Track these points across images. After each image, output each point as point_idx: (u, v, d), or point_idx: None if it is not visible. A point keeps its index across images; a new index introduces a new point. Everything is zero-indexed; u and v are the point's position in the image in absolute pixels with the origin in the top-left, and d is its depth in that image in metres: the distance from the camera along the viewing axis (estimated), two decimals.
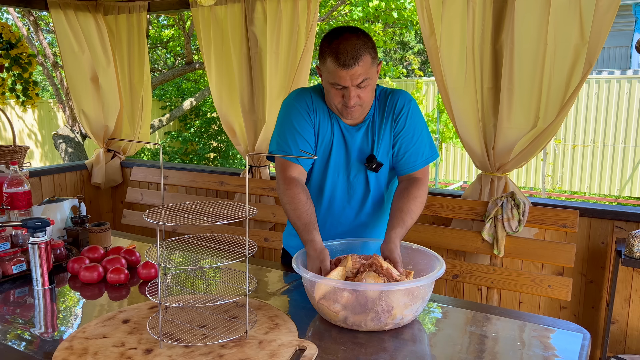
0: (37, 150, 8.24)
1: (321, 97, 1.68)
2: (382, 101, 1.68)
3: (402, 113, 1.65)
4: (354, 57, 1.47)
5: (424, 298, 1.36)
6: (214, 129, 9.76)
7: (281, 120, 1.69)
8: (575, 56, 2.28)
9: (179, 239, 1.45)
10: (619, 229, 2.44)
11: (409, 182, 1.66)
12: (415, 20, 7.28)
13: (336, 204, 1.74)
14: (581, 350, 1.25)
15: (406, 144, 1.66)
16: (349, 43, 1.48)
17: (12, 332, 1.37)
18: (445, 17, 2.48)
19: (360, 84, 1.51)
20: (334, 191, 1.73)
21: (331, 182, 1.72)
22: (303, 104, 1.66)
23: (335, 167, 1.70)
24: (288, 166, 1.63)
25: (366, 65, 1.49)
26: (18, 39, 3.20)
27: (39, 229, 1.62)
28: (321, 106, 1.67)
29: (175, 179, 3.59)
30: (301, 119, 1.65)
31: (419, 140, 1.67)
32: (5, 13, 8.53)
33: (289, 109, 1.68)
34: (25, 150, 3.04)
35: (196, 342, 1.23)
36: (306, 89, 1.72)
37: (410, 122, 1.66)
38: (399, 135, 1.66)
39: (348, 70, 1.48)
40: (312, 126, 1.66)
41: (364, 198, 1.74)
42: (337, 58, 1.48)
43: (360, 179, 1.71)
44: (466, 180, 8.59)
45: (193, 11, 3.37)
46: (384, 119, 1.66)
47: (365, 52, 1.49)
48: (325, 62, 1.53)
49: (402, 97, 1.67)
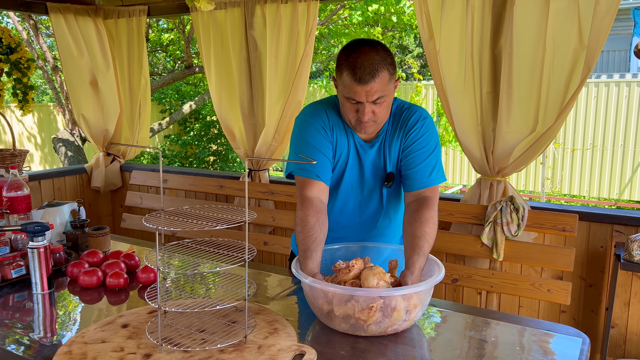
0: (37, 154, 8.25)
1: (336, 111, 1.64)
2: (397, 116, 1.64)
3: (414, 128, 1.60)
4: (370, 73, 1.43)
5: (423, 303, 1.36)
6: (213, 132, 9.77)
7: (297, 138, 1.64)
8: (574, 60, 2.28)
9: (178, 243, 1.45)
10: (618, 232, 2.44)
11: (419, 204, 1.58)
12: (414, 24, 7.29)
13: (347, 219, 1.72)
14: (580, 355, 1.25)
15: (414, 160, 1.60)
16: (367, 58, 1.44)
17: (11, 337, 1.37)
18: (444, 21, 2.49)
19: (376, 101, 1.47)
20: (344, 206, 1.71)
21: (343, 197, 1.70)
22: (319, 120, 1.62)
23: (349, 183, 1.68)
24: (307, 184, 1.58)
25: (383, 82, 1.45)
26: (18, 44, 3.21)
27: (38, 233, 1.62)
28: (337, 122, 1.63)
29: (174, 183, 3.59)
30: (318, 135, 1.60)
31: (429, 159, 1.61)
32: (5, 17, 8.54)
33: (304, 125, 1.63)
34: (24, 154, 3.04)
35: (195, 346, 1.23)
36: (320, 104, 1.67)
37: (422, 139, 1.60)
38: (408, 149, 1.61)
39: (364, 87, 1.44)
40: (329, 142, 1.62)
41: (376, 213, 1.72)
42: (353, 73, 1.44)
43: (375, 195, 1.69)
44: (465, 184, 8.59)
45: (193, 15, 3.38)
46: (396, 133, 1.62)
47: (383, 68, 1.44)
48: (341, 75, 1.49)
49: (418, 113, 1.62)
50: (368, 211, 1.72)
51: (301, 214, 1.54)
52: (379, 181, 1.67)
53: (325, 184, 1.60)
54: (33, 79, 11.06)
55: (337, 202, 1.71)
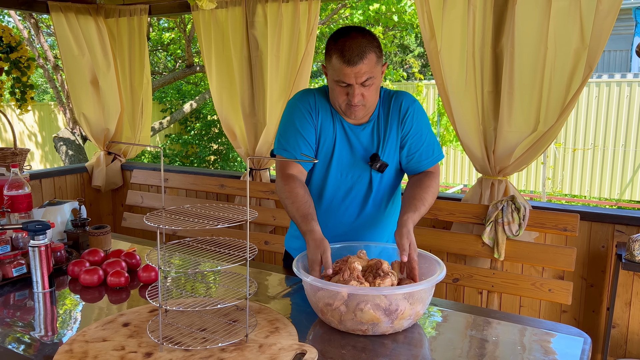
0: (38, 152, 8.26)
1: (325, 97, 1.70)
2: (385, 102, 1.70)
3: (408, 114, 1.67)
4: (359, 54, 1.48)
5: (424, 302, 1.36)
6: (214, 131, 9.77)
7: (284, 120, 1.72)
8: (576, 60, 2.28)
9: (179, 242, 1.45)
10: (619, 232, 2.44)
11: (422, 174, 1.70)
12: (415, 23, 7.29)
13: (337, 204, 1.74)
14: (582, 355, 1.25)
15: (415, 144, 1.69)
16: (354, 41, 1.50)
17: (12, 335, 1.37)
18: (445, 20, 2.48)
19: (365, 82, 1.52)
20: (336, 191, 1.73)
21: (333, 181, 1.72)
22: (306, 104, 1.68)
23: (338, 166, 1.70)
24: (287, 164, 1.67)
25: (371, 63, 1.51)
26: (18, 43, 3.21)
27: (39, 231, 1.62)
28: (324, 106, 1.68)
29: (175, 182, 3.59)
30: (302, 119, 1.67)
31: (427, 139, 1.70)
32: (6, 16, 8.54)
33: (291, 109, 1.70)
34: (25, 153, 3.04)
35: (196, 345, 1.23)
36: (311, 89, 1.74)
37: (417, 123, 1.68)
38: (407, 135, 1.68)
39: (353, 68, 1.49)
40: (313, 126, 1.67)
41: (365, 198, 1.74)
42: (342, 55, 1.50)
43: (364, 179, 1.71)
44: (466, 183, 8.58)
45: (194, 14, 3.38)
46: (389, 120, 1.67)
47: (370, 50, 1.50)
48: (330, 60, 1.54)
49: (407, 98, 1.69)
50: (356, 194, 1.73)
51: (288, 188, 1.61)
52: (368, 164, 1.70)
53: (303, 167, 1.67)
54: (34, 78, 11.07)
55: (325, 186, 1.73)
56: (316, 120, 1.68)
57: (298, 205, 1.56)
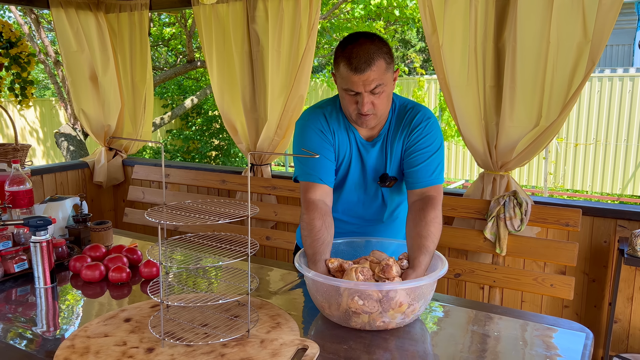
0: (39, 148, 8.26)
1: (336, 111, 1.64)
2: (400, 115, 1.63)
3: (418, 128, 1.60)
4: (366, 61, 1.43)
5: (426, 297, 1.35)
6: (215, 127, 9.76)
7: (297, 143, 1.66)
8: (578, 54, 2.27)
9: (181, 237, 1.45)
10: (621, 227, 2.43)
11: (423, 203, 1.57)
12: (417, 18, 7.26)
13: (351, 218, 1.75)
14: (584, 350, 1.25)
15: (417, 159, 1.60)
16: (362, 48, 1.44)
17: (14, 331, 1.37)
18: (447, 14, 2.47)
19: (374, 90, 1.47)
20: (348, 205, 1.73)
21: (347, 196, 1.71)
22: (317, 123, 1.62)
23: (352, 183, 1.69)
24: (310, 187, 1.59)
25: (380, 70, 1.45)
26: (18, 38, 3.20)
27: (40, 227, 1.62)
28: (337, 122, 1.63)
29: (176, 178, 3.59)
30: (317, 139, 1.61)
31: (432, 159, 1.61)
32: (7, 11, 8.53)
33: (303, 130, 1.64)
34: (27, 149, 3.04)
35: (198, 341, 1.23)
36: (317, 108, 1.67)
37: (426, 138, 1.60)
38: (411, 148, 1.61)
39: (360, 76, 1.44)
40: (330, 144, 1.62)
41: (380, 212, 1.74)
42: (349, 63, 1.44)
43: (377, 195, 1.71)
44: (468, 178, 8.58)
45: (195, 9, 3.36)
46: (399, 132, 1.62)
47: (379, 57, 1.44)
48: (339, 68, 1.49)
49: (422, 112, 1.61)
50: (371, 210, 1.74)
51: (307, 218, 1.54)
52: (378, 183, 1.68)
53: (328, 186, 1.60)
54: (34, 74, 11.06)
55: (340, 201, 1.73)
56: (332, 137, 1.62)
57: (311, 241, 1.50)
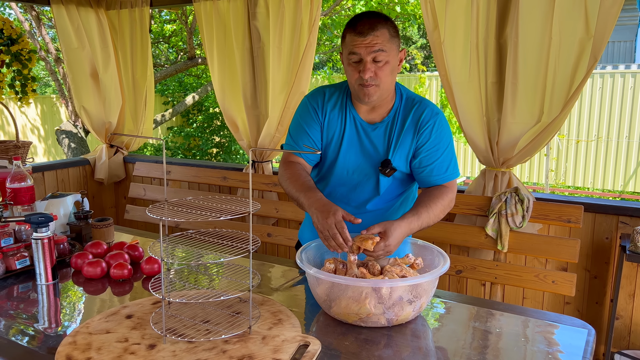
0: (40, 145, 8.26)
1: (338, 92, 1.70)
2: (407, 106, 1.64)
3: (427, 125, 1.61)
4: (370, 27, 1.49)
5: (428, 294, 1.35)
6: (216, 124, 9.76)
7: (294, 116, 1.76)
8: (580, 50, 2.26)
9: (182, 234, 1.45)
10: (623, 224, 2.43)
11: (436, 187, 1.64)
12: (418, 14, 7.24)
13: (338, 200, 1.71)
14: (585, 346, 1.25)
15: (428, 158, 1.62)
16: (368, 17, 1.52)
17: (16, 327, 1.37)
18: (449, 11, 2.46)
19: (376, 58, 1.50)
20: (339, 187, 1.71)
21: (337, 178, 1.70)
22: (314, 102, 1.70)
23: (344, 163, 1.68)
24: (290, 155, 1.72)
25: (383, 37, 1.50)
26: (19, 35, 3.20)
27: (42, 224, 1.62)
28: (336, 101, 1.68)
29: (178, 175, 3.59)
30: (308, 117, 1.69)
31: (444, 155, 1.63)
32: (7, 8, 8.52)
33: (301, 105, 1.74)
34: (28, 146, 3.04)
35: (199, 337, 1.23)
36: (324, 86, 1.75)
37: (435, 136, 1.62)
38: (422, 148, 1.62)
39: (364, 39, 1.49)
40: (318, 123, 1.68)
41: (366, 201, 1.70)
42: (354, 29, 1.51)
43: (371, 180, 1.68)
44: (469, 175, 8.57)
45: (195, 6, 3.36)
46: (406, 126, 1.62)
47: (383, 26, 1.50)
48: (344, 40, 1.56)
49: (430, 109, 1.63)
50: (362, 195, 1.70)
51: (288, 171, 1.65)
52: (377, 165, 1.66)
53: (307, 162, 1.70)
54: (35, 71, 11.06)
55: (330, 183, 1.72)
56: (322, 117, 1.68)
57: (301, 182, 1.57)
